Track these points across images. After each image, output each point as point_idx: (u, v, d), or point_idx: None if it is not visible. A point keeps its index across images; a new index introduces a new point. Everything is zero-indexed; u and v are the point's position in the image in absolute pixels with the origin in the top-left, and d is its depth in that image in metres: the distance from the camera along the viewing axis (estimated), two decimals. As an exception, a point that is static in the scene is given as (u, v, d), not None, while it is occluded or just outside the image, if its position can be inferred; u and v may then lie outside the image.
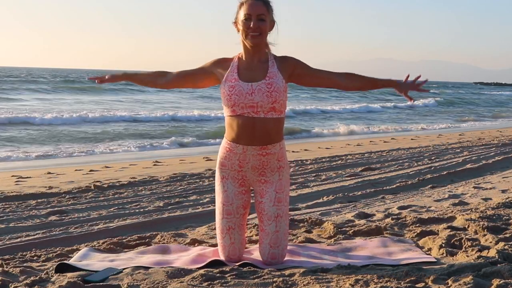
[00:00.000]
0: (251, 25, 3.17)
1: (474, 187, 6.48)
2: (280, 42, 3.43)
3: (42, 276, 3.03)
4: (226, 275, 2.97)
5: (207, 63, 3.38)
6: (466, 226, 4.12)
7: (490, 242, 3.63)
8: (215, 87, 3.51)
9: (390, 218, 4.59)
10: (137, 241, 3.94)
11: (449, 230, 4.02)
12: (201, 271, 2.99)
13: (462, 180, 7.09)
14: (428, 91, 3.56)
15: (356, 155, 9.68)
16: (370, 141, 13.14)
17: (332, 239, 3.93)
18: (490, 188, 6.42)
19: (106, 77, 3.46)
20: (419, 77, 3.43)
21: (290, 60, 3.32)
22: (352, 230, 4.13)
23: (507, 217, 4.44)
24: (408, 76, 3.40)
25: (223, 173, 3.36)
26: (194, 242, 3.88)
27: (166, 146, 13.23)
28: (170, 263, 3.26)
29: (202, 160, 9.72)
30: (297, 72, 3.32)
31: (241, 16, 3.21)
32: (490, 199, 5.72)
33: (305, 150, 11.23)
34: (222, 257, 3.35)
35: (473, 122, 23.91)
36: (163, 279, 2.92)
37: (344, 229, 4.19)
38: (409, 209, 5.18)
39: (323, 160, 8.98)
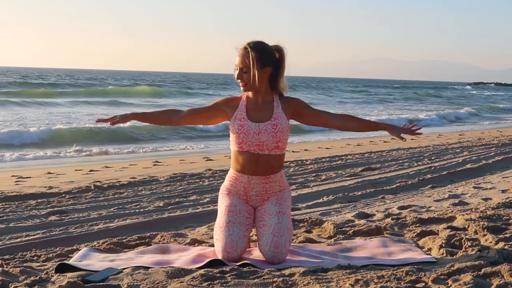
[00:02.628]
0: (236, 77, 3.44)
1: (474, 187, 6.48)
2: (281, 42, 3.48)
3: (42, 276, 3.02)
4: (226, 275, 2.96)
5: (218, 102, 3.59)
6: (466, 226, 4.12)
7: (490, 242, 3.63)
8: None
9: (390, 218, 4.59)
10: (137, 241, 3.94)
11: (449, 230, 4.02)
12: (201, 271, 2.99)
13: (462, 180, 7.10)
14: (421, 134, 3.78)
15: (356, 155, 9.68)
16: (370, 141, 13.14)
17: (332, 239, 3.93)
18: (490, 188, 6.42)
19: (117, 118, 3.54)
20: (414, 125, 3.68)
21: (293, 100, 3.55)
22: (352, 230, 4.13)
23: (507, 217, 4.44)
24: (404, 124, 3.69)
25: (228, 192, 3.56)
26: (194, 242, 3.88)
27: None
28: (170, 263, 3.26)
29: (202, 160, 9.72)
30: (298, 112, 3.56)
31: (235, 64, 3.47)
32: (490, 199, 5.72)
33: (305, 150, 11.23)
34: (219, 254, 3.33)
35: None
36: (163, 279, 2.92)
37: (344, 229, 4.19)
38: (409, 209, 5.18)
39: (323, 160, 8.99)
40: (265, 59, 3.40)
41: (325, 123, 3.64)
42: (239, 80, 3.44)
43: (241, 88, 3.46)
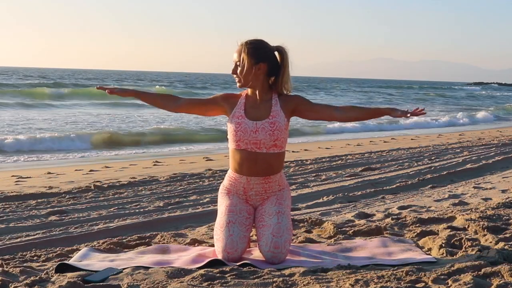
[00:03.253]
0: (231, 71, 3.48)
1: (474, 187, 6.48)
2: (281, 42, 3.49)
3: (42, 276, 3.02)
4: (226, 275, 2.96)
5: (217, 96, 3.60)
6: (466, 226, 4.12)
7: (490, 242, 3.63)
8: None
9: (390, 218, 4.59)
10: (137, 241, 3.94)
11: (449, 230, 4.02)
12: (201, 271, 2.99)
13: (462, 180, 7.10)
14: (425, 114, 3.66)
15: (356, 155, 9.68)
16: (370, 141, 13.14)
17: (332, 239, 3.93)
18: (490, 188, 6.42)
19: (116, 89, 3.57)
20: (417, 109, 3.55)
21: (292, 98, 3.53)
22: (352, 230, 4.13)
23: (507, 217, 4.44)
24: (407, 109, 3.58)
25: (227, 192, 3.56)
26: (194, 242, 3.88)
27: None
28: (170, 263, 3.26)
29: (202, 160, 9.72)
30: (298, 109, 3.54)
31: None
32: (490, 199, 5.72)
33: (305, 150, 11.23)
34: (219, 254, 3.33)
35: None
36: (163, 279, 2.92)
37: (344, 229, 4.19)
38: (409, 209, 5.18)
39: (323, 160, 8.99)
40: (259, 55, 3.40)
41: (327, 117, 3.62)
42: (234, 75, 3.46)
43: (237, 84, 3.47)
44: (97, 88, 3.67)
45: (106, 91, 3.56)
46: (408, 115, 3.48)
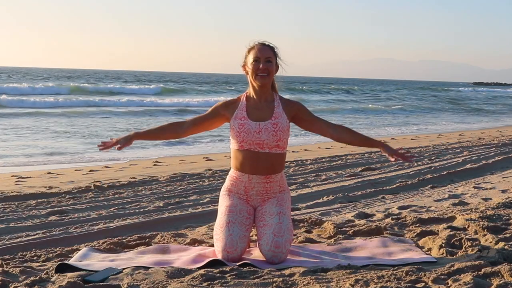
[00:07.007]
0: (260, 67, 3.43)
1: (474, 187, 6.49)
2: (281, 42, 3.53)
3: (42, 276, 3.02)
4: (226, 275, 2.97)
5: (217, 107, 3.62)
6: (466, 226, 4.13)
7: (490, 242, 3.63)
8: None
9: (390, 218, 4.60)
10: (137, 241, 3.94)
11: (449, 230, 4.02)
12: (201, 271, 2.99)
13: (462, 180, 7.10)
14: (412, 161, 3.82)
15: (356, 155, 9.68)
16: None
17: (332, 239, 3.93)
18: (490, 188, 6.42)
19: (121, 142, 3.49)
20: (408, 152, 3.64)
21: (294, 104, 3.60)
22: (352, 230, 4.13)
23: (507, 217, 4.44)
24: (401, 148, 3.65)
25: (229, 193, 3.57)
26: (194, 242, 3.88)
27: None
28: (170, 263, 3.26)
29: (202, 160, 9.72)
30: (298, 117, 3.60)
31: (250, 59, 3.48)
32: (490, 199, 5.72)
33: (305, 150, 11.23)
34: (219, 254, 3.34)
35: None
36: (163, 279, 2.92)
37: (344, 229, 4.19)
38: (409, 209, 5.18)
39: (323, 160, 8.99)
40: (278, 55, 3.55)
41: (320, 131, 3.65)
42: (260, 72, 3.44)
43: (262, 80, 3.45)
44: (100, 150, 3.52)
45: (116, 148, 3.47)
46: (393, 160, 3.58)
